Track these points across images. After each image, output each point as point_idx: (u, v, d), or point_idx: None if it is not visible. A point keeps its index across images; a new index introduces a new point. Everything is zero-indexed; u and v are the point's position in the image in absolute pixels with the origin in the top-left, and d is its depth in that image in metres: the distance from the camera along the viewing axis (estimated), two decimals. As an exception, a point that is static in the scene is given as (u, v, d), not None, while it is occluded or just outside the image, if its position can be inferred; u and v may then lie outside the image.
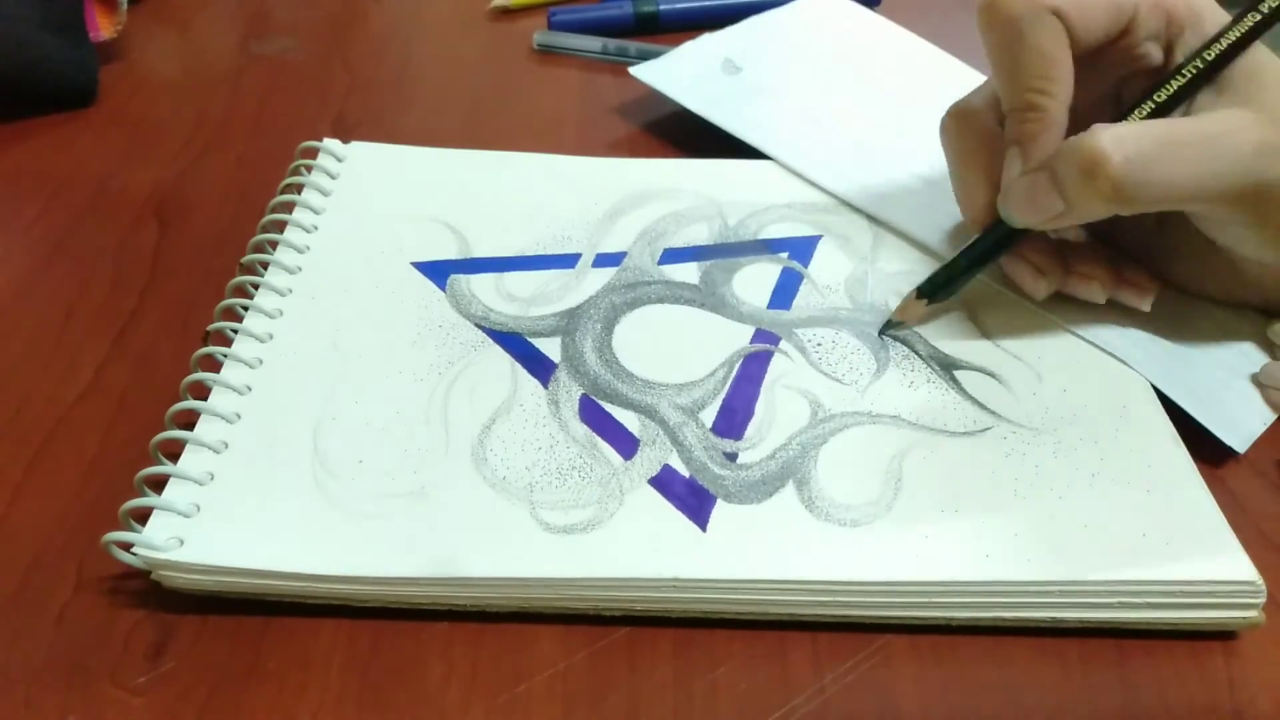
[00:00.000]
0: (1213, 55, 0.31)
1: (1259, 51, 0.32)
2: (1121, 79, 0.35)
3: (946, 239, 0.38)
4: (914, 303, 0.35)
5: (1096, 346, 0.34)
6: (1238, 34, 0.31)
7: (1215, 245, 0.34)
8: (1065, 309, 0.35)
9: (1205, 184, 0.30)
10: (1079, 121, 0.32)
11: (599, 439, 0.31)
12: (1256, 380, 0.34)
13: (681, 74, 0.48)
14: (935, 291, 0.35)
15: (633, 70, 0.48)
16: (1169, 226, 0.35)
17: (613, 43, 0.55)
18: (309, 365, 0.33)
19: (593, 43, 0.55)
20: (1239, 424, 0.33)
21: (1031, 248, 0.35)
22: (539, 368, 0.33)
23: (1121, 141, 0.29)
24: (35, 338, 0.36)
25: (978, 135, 0.35)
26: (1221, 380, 0.34)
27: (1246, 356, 0.35)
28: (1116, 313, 0.35)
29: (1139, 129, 0.30)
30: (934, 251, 0.38)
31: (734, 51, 0.49)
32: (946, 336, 0.35)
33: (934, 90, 0.38)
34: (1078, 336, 0.35)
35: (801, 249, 0.39)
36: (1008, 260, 0.35)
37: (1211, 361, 0.34)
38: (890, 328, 0.35)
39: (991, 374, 0.33)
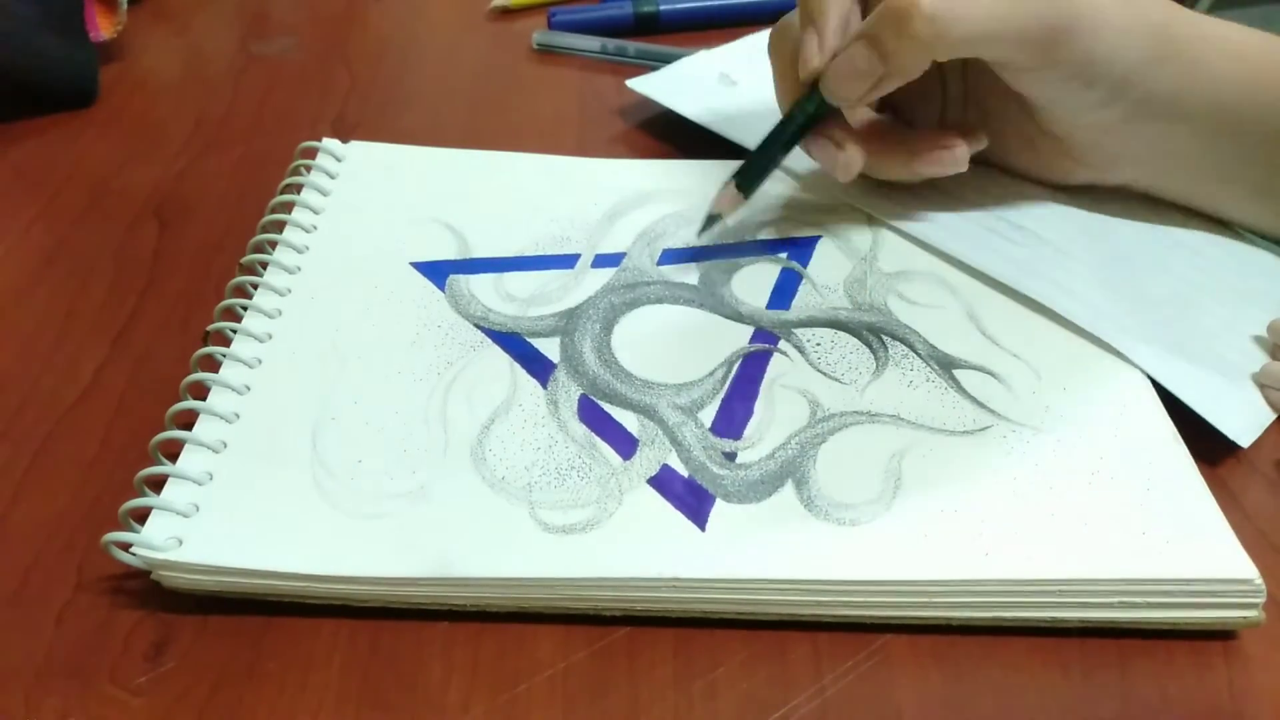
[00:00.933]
0: None
1: None
2: None
3: (946, 235, 0.38)
4: (730, 193, 0.37)
5: (1097, 341, 0.34)
6: None
7: (1027, 111, 0.37)
8: (1064, 304, 0.35)
9: (1003, 22, 0.32)
10: None
11: (598, 439, 0.31)
12: (1257, 380, 0.34)
13: (678, 86, 0.48)
14: (748, 181, 0.37)
15: (630, 83, 0.48)
16: (982, 98, 0.38)
17: (612, 42, 0.55)
18: (308, 365, 0.33)
19: (591, 42, 0.55)
20: (1241, 418, 0.33)
21: (831, 127, 0.37)
22: (538, 368, 0.33)
23: None
24: (35, 338, 0.36)
25: (795, 43, 0.37)
26: (1224, 375, 0.34)
27: (1249, 353, 0.35)
28: (1117, 306, 0.35)
29: None
30: (933, 248, 0.38)
31: (729, 67, 0.49)
32: (946, 336, 0.35)
33: None
34: (1077, 333, 0.35)
35: (800, 249, 0.39)
36: (810, 143, 0.37)
37: (1214, 357, 0.34)
38: (709, 224, 0.38)
39: (991, 373, 0.33)
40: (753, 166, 0.37)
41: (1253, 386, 0.34)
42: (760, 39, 0.52)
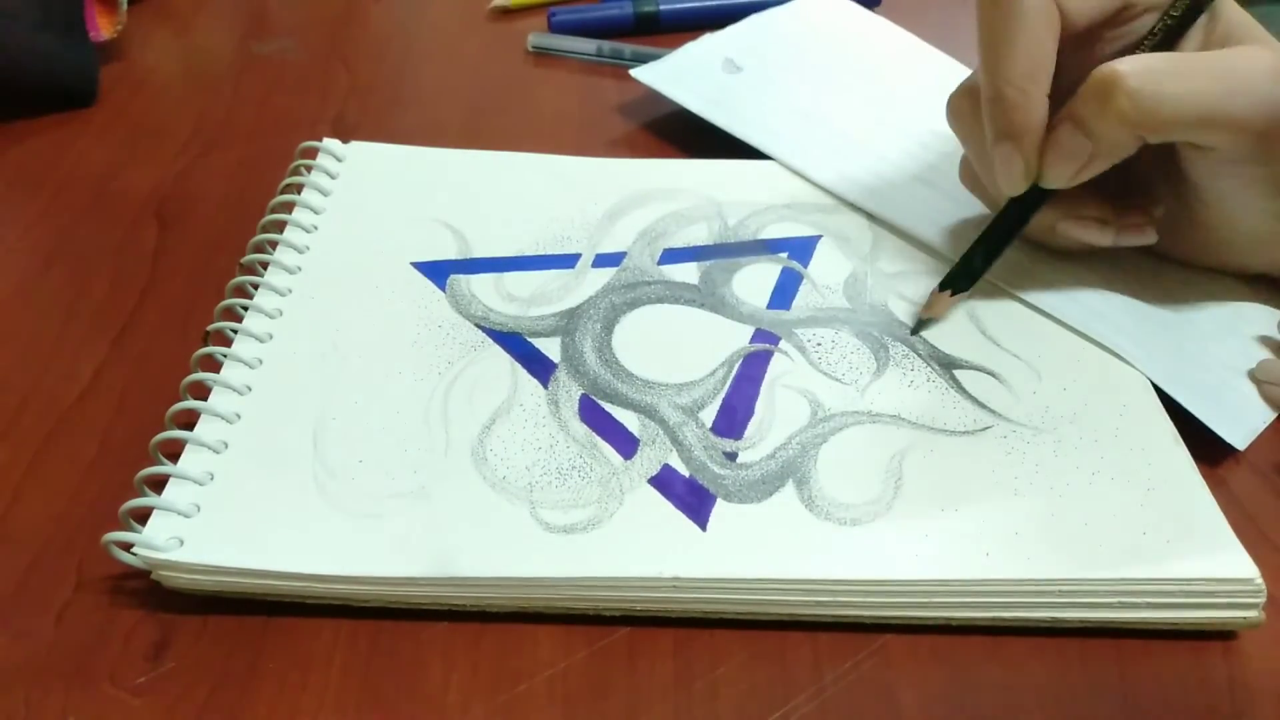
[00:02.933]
0: None
1: (1233, 10, 0.32)
2: (1122, 50, 0.34)
3: (946, 236, 0.38)
4: (940, 297, 0.35)
5: (1097, 344, 0.34)
6: None
7: (1202, 202, 0.34)
8: (1063, 308, 0.35)
9: (1221, 104, 0.30)
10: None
11: (599, 439, 0.31)
12: (1253, 376, 0.34)
13: (682, 75, 0.48)
14: (957, 282, 0.35)
15: (633, 72, 0.48)
16: (1160, 181, 0.36)
17: (608, 45, 0.55)
18: (309, 365, 0.33)
19: (587, 45, 0.55)
20: (1239, 421, 0.33)
21: (1070, 204, 0.35)
22: (539, 368, 0.33)
23: (1134, 62, 0.30)
24: (35, 338, 0.36)
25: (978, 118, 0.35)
26: (1222, 377, 0.34)
27: (1247, 354, 0.35)
28: (1117, 309, 0.35)
29: (1152, 56, 0.31)
30: (933, 249, 0.38)
31: (734, 51, 0.49)
32: (946, 336, 0.35)
33: (933, 90, 0.38)
34: (1078, 334, 0.35)
35: (801, 249, 0.39)
36: (1067, 225, 0.35)
37: (1212, 358, 0.34)
38: (921, 327, 0.35)
39: (991, 373, 0.33)
40: (961, 268, 0.36)
41: (1249, 389, 0.34)
42: (764, 19, 0.52)
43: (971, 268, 0.36)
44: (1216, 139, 0.31)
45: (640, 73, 0.48)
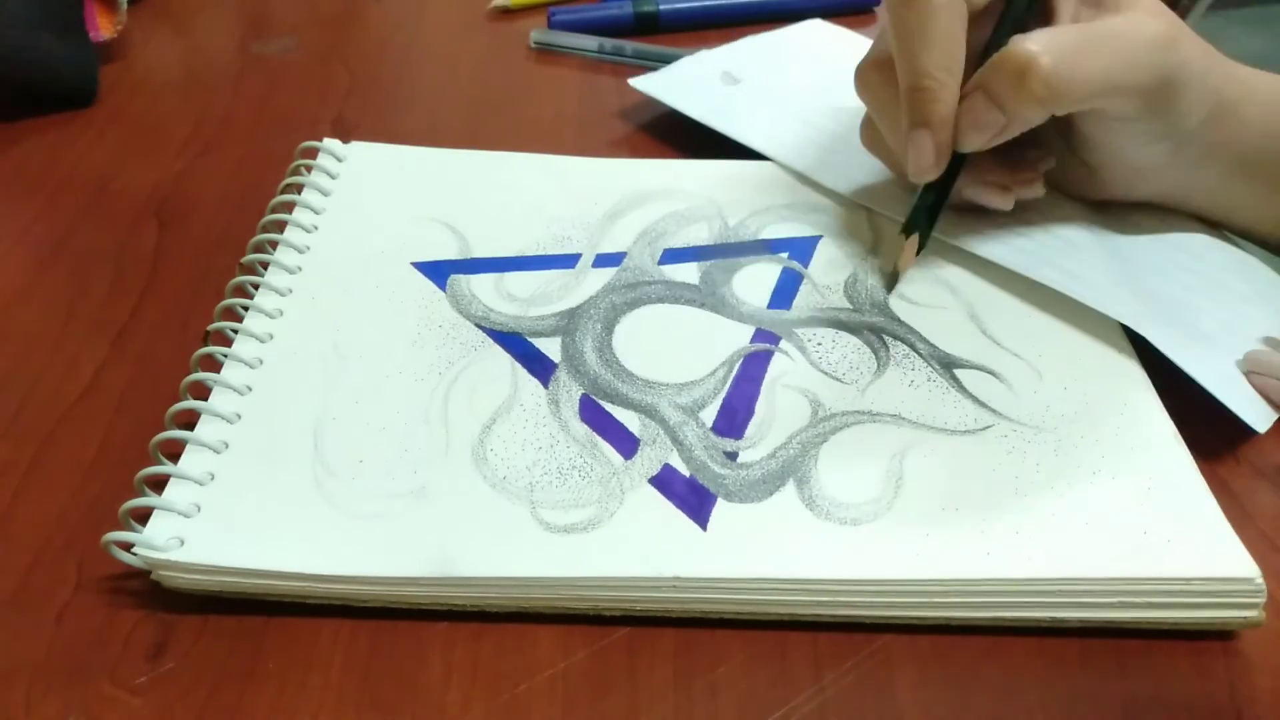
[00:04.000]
0: None
1: None
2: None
3: (943, 230, 0.38)
4: (905, 245, 0.37)
5: (1100, 341, 0.34)
6: None
7: (1090, 150, 0.37)
8: (1078, 289, 0.35)
9: (1120, 77, 0.33)
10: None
11: (599, 439, 0.31)
12: (1242, 367, 0.34)
13: (680, 85, 0.48)
14: (915, 229, 0.37)
15: (632, 82, 0.48)
16: (1050, 133, 0.38)
17: (609, 42, 0.55)
18: (309, 365, 0.33)
19: (589, 42, 0.55)
20: (1257, 405, 0.32)
21: (975, 170, 0.37)
22: (539, 368, 0.33)
23: (1044, 43, 0.32)
24: (35, 338, 0.36)
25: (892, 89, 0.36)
26: (1235, 364, 0.34)
27: (1254, 346, 0.34)
28: (1128, 293, 0.35)
29: (1054, 32, 0.33)
30: (941, 240, 0.38)
31: (732, 65, 0.49)
32: (947, 335, 0.35)
33: None
34: (1080, 331, 0.34)
35: (801, 249, 0.39)
36: (972, 190, 0.37)
37: (1224, 346, 0.34)
38: (894, 282, 0.37)
39: (992, 372, 0.33)
40: (917, 214, 0.37)
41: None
42: (760, 40, 0.52)
43: (926, 211, 0.37)
44: (1113, 105, 0.34)
45: (639, 83, 0.48)
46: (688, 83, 0.48)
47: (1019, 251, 0.37)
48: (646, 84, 0.48)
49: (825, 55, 0.52)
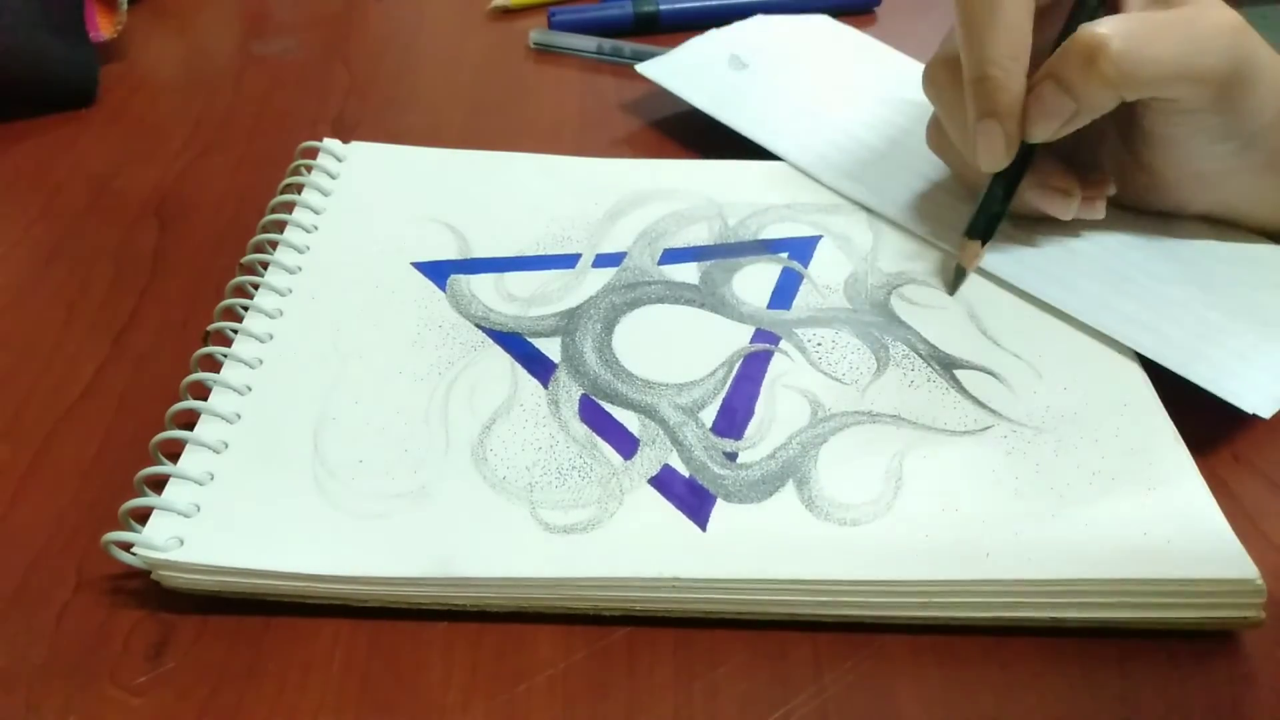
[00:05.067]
0: None
1: None
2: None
3: (947, 232, 0.38)
4: (970, 246, 0.36)
5: (1099, 340, 0.34)
6: None
7: (1152, 148, 0.36)
8: (1065, 299, 0.35)
9: (1191, 61, 0.32)
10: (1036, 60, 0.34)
11: (599, 439, 0.31)
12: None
13: (687, 71, 0.48)
14: (981, 230, 0.36)
15: (639, 67, 0.48)
16: (1110, 128, 0.37)
17: (608, 42, 0.55)
18: (309, 365, 0.33)
19: (588, 42, 0.55)
20: (1258, 392, 0.32)
21: (1040, 174, 0.36)
22: (539, 368, 0.33)
23: (1114, 26, 0.32)
24: (35, 338, 0.36)
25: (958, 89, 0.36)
26: (1235, 352, 0.33)
27: (1261, 332, 0.34)
28: (1120, 296, 0.35)
29: (1126, 17, 0.33)
30: (936, 246, 0.38)
31: (740, 48, 0.49)
32: (946, 335, 0.35)
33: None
34: (1080, 331, 0.34)
35: (801, 249, 0.39)
36: (1035, 193, 0.36)
37: (1225, 335, 0.34)
38: (959, 281, 0.36)
39: (992, 373, 0.33)
40: (981, 216, 0.36)
41: (1270, 359, 0.33)
42: (774, 21, 0.52)
43: (992, 213, 0.36)
44: (1184, 93, 0.33)
45: (646, 68, 0.48)
46: (694, 69, 0.48)
47: (1009, 258, 0.37)
48: (653, 69, 0.48)
49: (833, 52, 0.51)
